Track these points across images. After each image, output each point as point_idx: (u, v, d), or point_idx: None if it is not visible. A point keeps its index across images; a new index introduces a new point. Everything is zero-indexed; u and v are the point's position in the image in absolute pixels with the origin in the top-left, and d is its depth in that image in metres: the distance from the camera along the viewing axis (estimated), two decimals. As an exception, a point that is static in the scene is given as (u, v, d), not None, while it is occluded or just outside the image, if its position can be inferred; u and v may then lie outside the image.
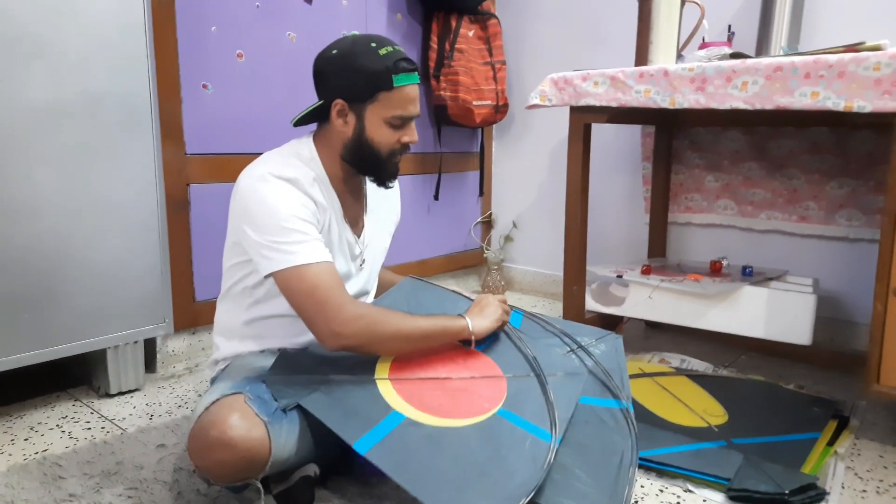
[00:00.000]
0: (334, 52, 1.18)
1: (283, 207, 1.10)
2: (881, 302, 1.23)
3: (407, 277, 1.41)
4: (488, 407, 1.12)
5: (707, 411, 1.40)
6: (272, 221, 1.09)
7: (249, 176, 1.14)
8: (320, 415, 1.03)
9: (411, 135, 1.21)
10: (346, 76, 1.16)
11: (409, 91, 1.18)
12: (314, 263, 1.08)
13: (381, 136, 1.19)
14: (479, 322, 1.22)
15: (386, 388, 1.12)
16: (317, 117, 1.24)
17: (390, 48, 1.16)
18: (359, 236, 1.30)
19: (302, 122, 1.24)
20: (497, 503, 0.94)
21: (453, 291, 1.41)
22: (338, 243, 1.24)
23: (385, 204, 1.41)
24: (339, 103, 1.18)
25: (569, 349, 1.33)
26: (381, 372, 1.15)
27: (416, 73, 1.18)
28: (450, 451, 1.01)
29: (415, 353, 1.19)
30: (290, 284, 1.08)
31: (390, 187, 1.30)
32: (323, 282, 1.08)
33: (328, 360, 1.16)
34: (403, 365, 1.17)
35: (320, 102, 1.20)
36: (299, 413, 1.10)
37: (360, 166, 1.24)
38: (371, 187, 1.35)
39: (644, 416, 1.37)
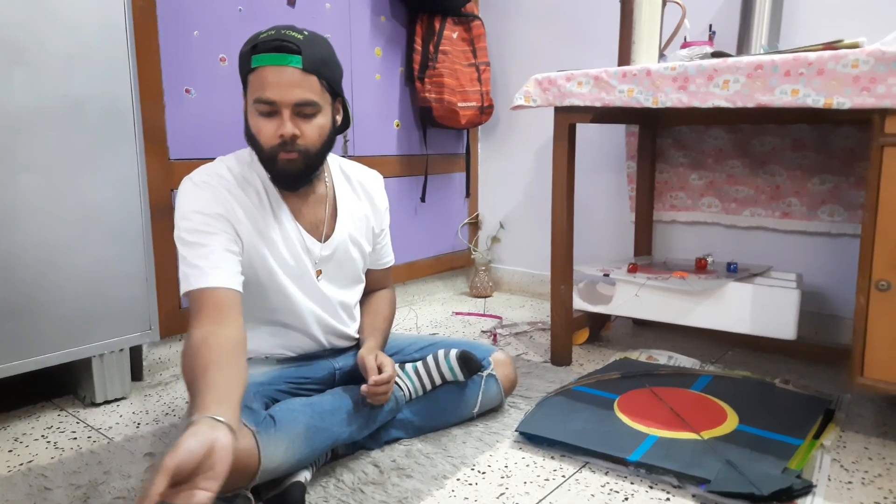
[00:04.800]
0: None
1: (191, 205, 1.12)
2: (864, 295, 1.25)
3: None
4: None
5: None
6: (181, 224, 1.12)
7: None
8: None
9: (282, 126, 1.10)
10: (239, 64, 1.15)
11: (269, 72, 1.08)
12: (203, 289, 1.13)
13: (254, 125, 1.13)
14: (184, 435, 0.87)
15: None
16: None
17: (273, 32, 1.10)
18: (321, 239, 1.25)
19: None
20: None
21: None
22: (282, 240, 1.20)
23: (365, 205, 1.34)
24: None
25: None
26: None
27: (289, 54, 1.08)
28: None
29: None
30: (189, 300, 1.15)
31: (294, 189, 1.20)
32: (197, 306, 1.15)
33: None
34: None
35: None
36: (287, 421, 1.09)
37: (260, 163, 1.18)
38: (342, 190, 1.31)
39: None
